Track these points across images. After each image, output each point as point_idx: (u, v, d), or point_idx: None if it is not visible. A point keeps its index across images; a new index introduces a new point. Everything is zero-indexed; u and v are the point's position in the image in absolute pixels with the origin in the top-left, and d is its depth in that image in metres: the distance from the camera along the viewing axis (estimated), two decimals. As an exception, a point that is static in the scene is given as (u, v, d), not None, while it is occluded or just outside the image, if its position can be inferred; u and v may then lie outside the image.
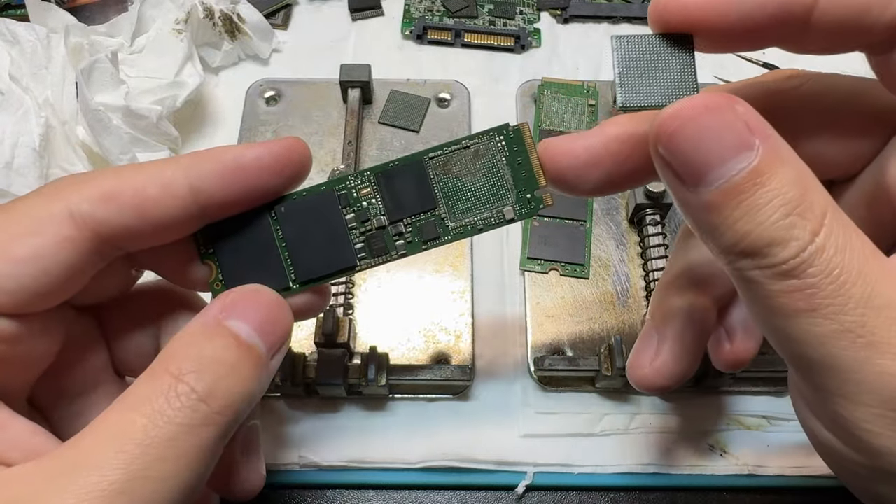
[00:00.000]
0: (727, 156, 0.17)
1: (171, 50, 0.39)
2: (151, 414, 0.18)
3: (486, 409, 0.33)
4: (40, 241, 0.20)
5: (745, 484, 0.32)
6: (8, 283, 0.19)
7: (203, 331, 0.20)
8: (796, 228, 0.16)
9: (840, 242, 0.17)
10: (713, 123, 0.17)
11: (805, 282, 0.16)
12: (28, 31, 0.37)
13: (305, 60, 0.44)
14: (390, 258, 0.23)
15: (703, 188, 0.17)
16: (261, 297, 0.22)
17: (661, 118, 0.18)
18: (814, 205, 0.17)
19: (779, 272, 0.17)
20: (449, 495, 0.32)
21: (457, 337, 0.34)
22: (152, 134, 0.37)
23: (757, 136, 0.17)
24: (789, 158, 0.17)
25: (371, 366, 0.31)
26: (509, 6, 0.46)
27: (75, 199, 0.20)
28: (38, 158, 0.34)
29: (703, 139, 0.17)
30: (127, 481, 0.17)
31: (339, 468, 0.32)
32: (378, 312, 0.35)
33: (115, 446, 0.18)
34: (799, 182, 0.17)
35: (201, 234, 0.23)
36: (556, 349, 0.34)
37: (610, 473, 0.32)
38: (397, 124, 0.40)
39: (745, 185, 0.17)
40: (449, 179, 0.23)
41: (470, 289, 0.35)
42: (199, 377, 0.19)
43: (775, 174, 0.17)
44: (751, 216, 0.17)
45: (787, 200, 0.17)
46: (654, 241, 0.34)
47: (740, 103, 0.17)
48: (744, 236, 0.17)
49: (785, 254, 0.17)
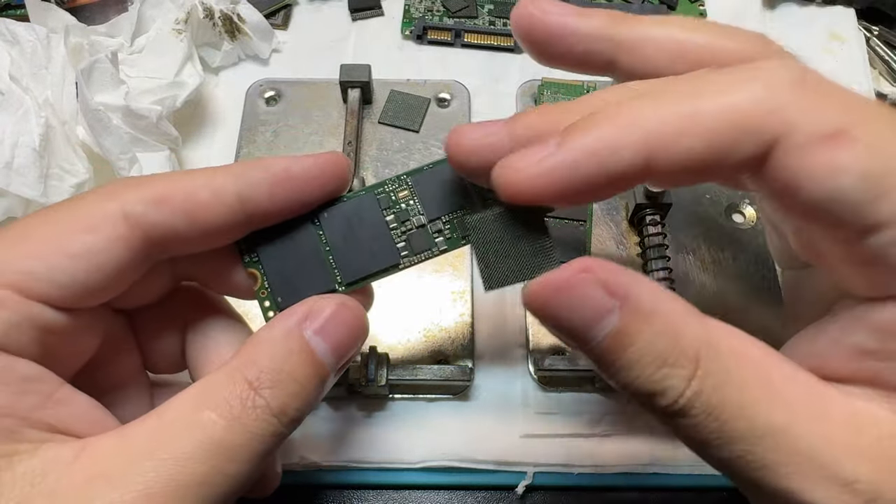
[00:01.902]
0: (589, 325, 0.18)
1: (171, 50, 0.39)
2: (230, 418, 0.19)
3: (486, 409, 0.33)
4: (94, 239, 0.20)
5: (745, 484, 0.32)
6: (62, 278, 0.20)
7: (283, 339, 0.21)
8: (670, 379, 0.18)
9: (717, 380, 0.18)
10: (570, 299, 0.18)
11: (690, 421, 0.18)
12: (28, 31, 0.37)
13: (305, 60, 0.44)
14: (432, 254, 0.24)
15: (583, 349, 0.19)
16: (346, 313, 0.22)
17: (525, 298, 0.19)
18: (685, 350, 0.18)
19: (666, 414, 0.18)
20: (449, 495, 0.32)
21: (457, 337, 0.34)
22: (152, 134, 0.37)
23: (616, 299, 0.18)
24: (653, 311, 0.18)
25: (371, 366, 0.31)
26: (509, 6, 0.46)
27: (130, 199, 0.21)
28: (38, 158, 0.34)
29: (564, 314, 0.18)
30: (208, 474, 0.19)
31: (339, 468, 0.32)
32: (378, 312, 0.35)
33: (195, 440, 0.19)
34: (666, 332, 0.18)
35: (244, 242, 0.23)
36: (556, 349, 0.34)
37: (610, 473, 0.32)
38: (397, 124, 0.40)
39: (612, 346, 0.18)
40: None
41: (470, 289, 0.35)
42: (275, 395, 0.20)
43: (639, 331, 0.18)
44: (626, 372, 0.18)
45: (656, 355, 0.18)
46: (654, 241, 0.34)
47: (597, 268, 0.18)
48: (626, 386, 0.18)
49: (664, 402, 0.18)
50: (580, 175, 0.19)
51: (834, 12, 0.46)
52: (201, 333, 0.25)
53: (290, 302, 0.22)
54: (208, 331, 0.25)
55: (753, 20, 0.46)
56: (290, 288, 0.23)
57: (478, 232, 0.22)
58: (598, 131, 0.19)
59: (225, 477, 0.19)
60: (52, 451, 0.19)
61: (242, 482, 0.20)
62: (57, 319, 0.21)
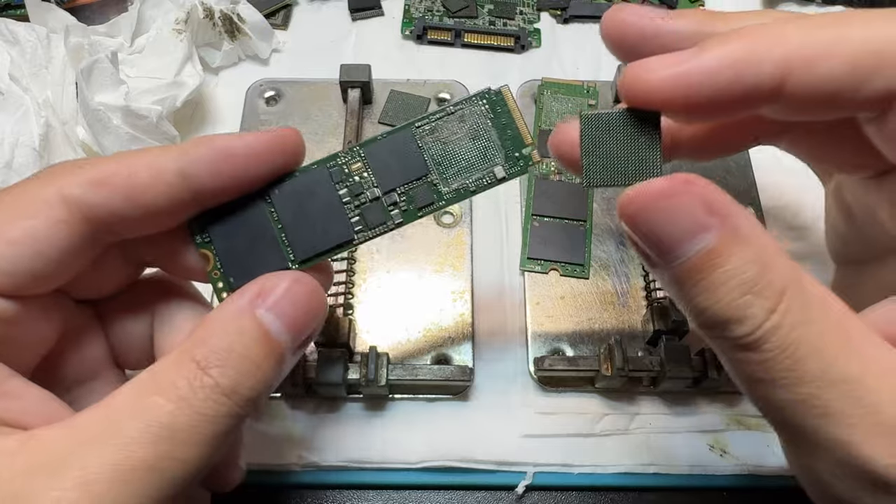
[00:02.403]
0: (683, 238, 0.18)
1: (171, 50, 0.39)
2: (177, 400, 0.19)
3: (486, 409, 0.33)
4: (34, 224, 0.20)
5: (745, 484, 0.32)
6: (4, 265, 0.20)
7: (234, 318, 0.21)
8: (752, 307, 0.17)
9: (798, 319, 0.18)
10: (669, 208, 0.18)
11: (762, 356, 0.18)
12: (28, 31, 0.37)
13: (305, 60, 0.44)
14: (387, 228, 0.23)
15: (666, 265, 0.18)
16: (299, 289, 0.22)
17: (621, 201, 0.19)
18: (773, 283, 0.18)
19: (737, 346, 0.18)
20: (449, 495, 0.32)
21: (457, 337, 0.34)
22: (152, 134, 0.37)
23: (716, 217, 0.18)
24: (750, 236, 0.18)
25: (371, 366, 0.31)
26: (509, 6, 0.46)
27: (68, 183, 0.21)
28: (38, 158, 0.34)
29: (659, 223, 0.18)
30: (156, 459, 0.18)
31: (339, 468, 0.32)
32: (378, 312, 0.35)
33: (142, 423, 0.18)
34: (758, 260, 0.18)
35: (195, 222, 0.23)
36: (556, 349, 0.34)
37: (610, 473, 0.32)
38: (397, 124, 0.40)
39: (701, 265, 0.18)
40: (437, 146, 0.24)
41: (470, 289, 0.35)
42: (224, 373, 0.19)
43: (732, 254, 0.18)
44: (708, 294, 0.18)
45: (743, 280, 0.17)
46: (654, 241, 0.34)
47: (700, 184, 0.18)
48: (703, 311, 0.18)
49: (740, 331, 0.18)
50: (715, 83, 0.18)
51: (833, 12, 0.46)
52: (167, 322, 0.25)
53: (243, 282, 0.22)
54: (174, 319, 0.25)
55: (753, 20, 0.46)
56: (242, 267, 0.23)
57: (590, 125, 0.21)
58: (739, 42, 0.19)
59: (175, 462, 0.18)
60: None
61: (197, 466, 0.19)
62: (5, 308, 0.20)
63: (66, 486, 0.17)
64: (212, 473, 0.24)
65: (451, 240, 0.37)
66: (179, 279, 0.26)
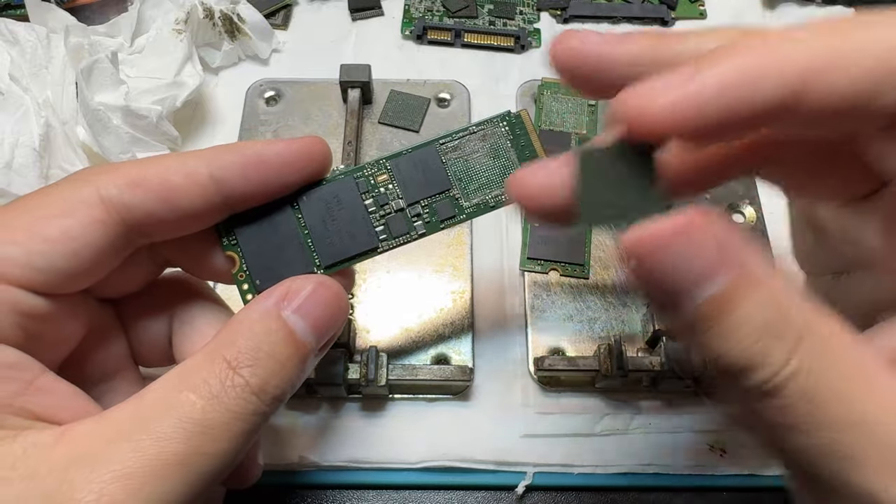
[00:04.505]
0: (696, 282, 0.17)
1: (171, 50, 0.39)
2: (209, 397, 0.19)
3: (486, 409, 0.33)
4: (71, 223, 0.21)
5: (745, 484, 0.32)
6: (41, 262, 0.20)
7: (262, 319, 0.21)
8: (770, 351, 0.16)
9: (817, 365, 0.17)
10: (681, 251, 0.17)
11: (782, 401, 0.17)
12: (28, 31, 0.37)
13: (305, 60, 0.44)
14: (410, 238, 0.25)
15: (675, 310, 0.17)
16: (324, 292, 0.22)
17: (629, 242, 0.17)
18: (790, 326, 0.17)
19: (756, 393, 0.17)
20: (449, 495, 0.32)
21: (457, 337, 0.34)
22: (152, 134, 0.37)
23: (727, 260, 0.17)
24: (763, 278, 0.17)
25: (371, 366, 0.31)
26: (509, 6, 0.46)
27: (105, 183, 0.21)
28: (38, 158, 0.34)
29: (670, 267, 0.17)
30: (187, 454, 0.19)
31: (339, 468, 0.32)
32: (378, 312, 0.35)
33: (174, 420, 0.19)
34: (772, 303, 0.17)
35: (223, 226, 0.24)
36: (556, 349, 0.34)
37: (610, 473, 0.32)
38: (397, 124, 0.40)
39: (714, 310, 0.17)
40: (460, 163, 0.25)
41: (470, 289, 0.35)
42: (254, 372, 0.20)
43: (745, 298, 0.17)
44: (722, 340, 0.17)
45: (759, 324, 0.16)
46: (654, 241, 0.34)
47: (715, 221, 0.17)
48: (719, 357, 0.17)
49: (758, 377, 0.17)
50: (721, 104, 0.17)
51: (834, 12, 0.46)
52: (187, 322, 0.25)
53: (268, 284, 0.22)
54: (193, 319, 0.25)
55: (753, 20, 0.46)
56: (268, 271, 0.24)
57: (585, 160, 0.20)
58: (743, 58, 0.17)
59: (205, 457, 0.19)
60: (32, 437, 0.19)
61: (225, 462, 0.19)
62: (38, 305, 0.21)
63: (105, 480, 0.18)
64: (233, 471, 0.25)
65: (451, 240, 0.37)
66: (199, 279, 0.26)
